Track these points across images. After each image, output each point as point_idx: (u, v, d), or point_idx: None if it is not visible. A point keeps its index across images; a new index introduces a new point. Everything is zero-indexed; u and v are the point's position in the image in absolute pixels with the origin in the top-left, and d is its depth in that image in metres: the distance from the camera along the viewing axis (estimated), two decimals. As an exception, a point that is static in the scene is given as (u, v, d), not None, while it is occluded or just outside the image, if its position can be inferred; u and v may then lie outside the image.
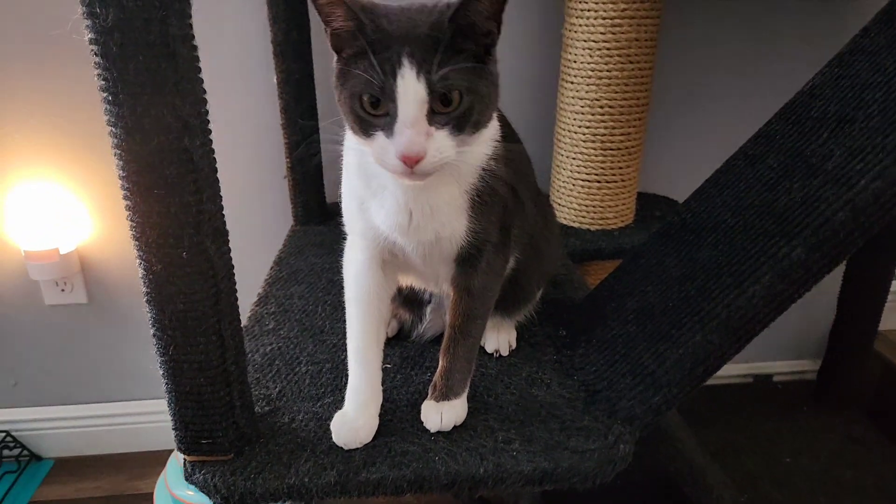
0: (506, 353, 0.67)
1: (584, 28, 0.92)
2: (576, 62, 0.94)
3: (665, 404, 0.55)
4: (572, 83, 0.96)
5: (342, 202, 0.58)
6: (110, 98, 0.39)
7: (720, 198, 0.63)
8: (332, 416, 0.54)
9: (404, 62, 0.42)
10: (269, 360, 0.66)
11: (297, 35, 0.95)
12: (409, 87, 0.42)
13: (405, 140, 0.43)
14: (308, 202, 1.05)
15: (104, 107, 0.40)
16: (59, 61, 1.03)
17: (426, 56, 0.42)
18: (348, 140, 0.52)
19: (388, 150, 0.44)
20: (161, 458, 1.11)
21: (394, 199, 0.51)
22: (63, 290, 1.19)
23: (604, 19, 0.90)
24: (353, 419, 0.53)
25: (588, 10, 0.90)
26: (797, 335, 1.44)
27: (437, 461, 0.51)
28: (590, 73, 0.93)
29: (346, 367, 0.56)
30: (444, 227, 0.52)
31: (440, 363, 0.56)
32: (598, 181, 1.00)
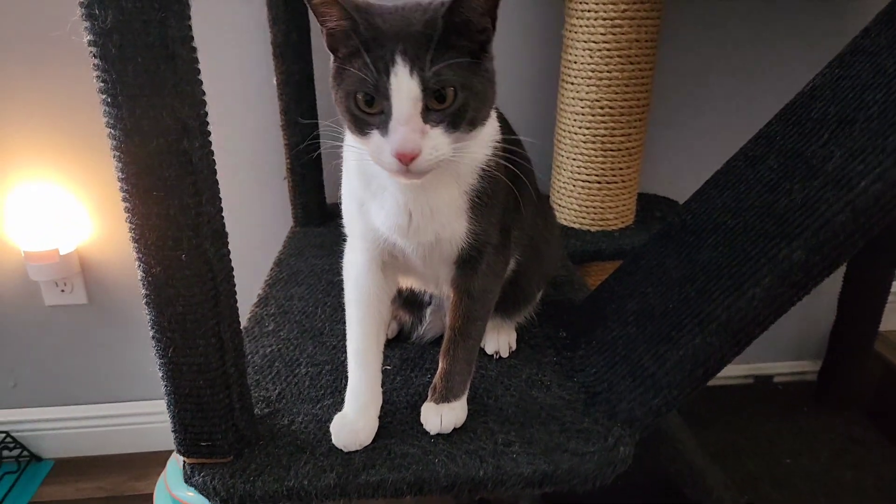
0: (506, 354, 0.67)
1: (585, 29, 0.92)
2: (576, 63, 0.94)
3: (665, 406, 0.55)
4: (572, 84, 0.96)
5: (342, 204, 0.58)
6: (109, 100, 0.39)
7: (720, 199, 0.62)
8: (332, 419, 0.54)
9: (397, 60, 0.42)
10: (268, 361, 0.66)
11: (297, 36, 0.95)
12: (402, 84, 0.42)
13: (399, 138, 0.43)
14: (308, 203, 1.05)
15: (103, 108, 0.40)
16: (58, 62, 1.03)
17: (419, 53, 0.42)
18: (348, 141, 0.52)
19: (384, 148, 0.44)
20: (161, 459, 1.11)
21: (393, 201, 0.51)
22: (63, 290, 1.19)
23: (604, 20, 0.90)
24: (353, 421, 0.53)
25: (588, 11, 0.90)
26: (798, 336, 1.44)
27: (437, 463, 0.51)
28: (590, 73, 0.93)
29: (346, 369, 0.56)
30: (444, 228, 0.52)
31: (440, 365, 0.56)
32: (598, 182, 1.00)
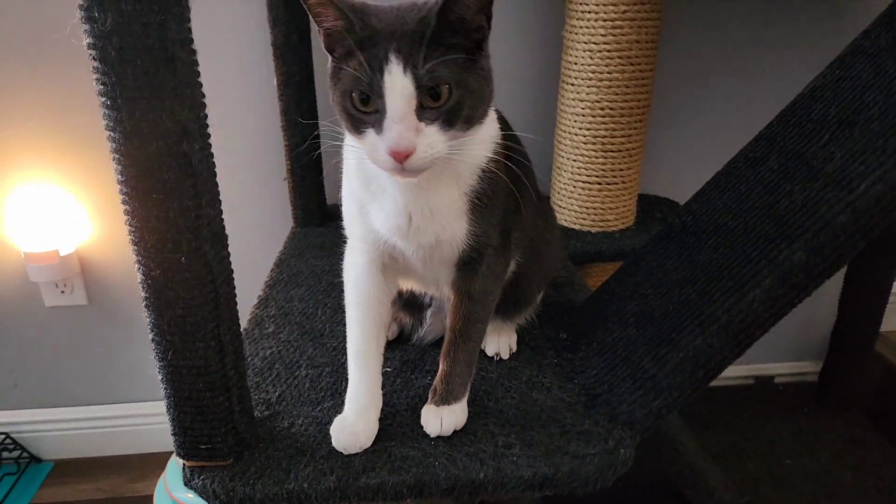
0: (506, 356, 0.67)
1: (585, 30, 0.91)
2: (576, 64, 0.94)
3: (666, 408, 0.54)
4: (573, 85, 0.96)
5: (342, 205, 0.58)
6: (109, 103, 0.39)
7: (721, 200, 0.62)
8: (332, 421, 0.54)
9: (391, 58, 0.42)
10: (268, 363, 0.65)
11: (297, 37, 0.95)
12: (395, 82, 0.42)
13: (394, 135, 0.43)
14: (308, 204, 1.05)
15: (103, 111, 0.40)
16: (59, 64, 1.03)
17: (413, 51, 0.42)
18: (348, 142, 0.52)
19: (379, 146, 0.44)
20: (161, 460, 1.11)
21: (393, 202, 0.51)
22: (63, 291, 1.19)
23: (604, 21, 0.90)
24: (353, 424, 0.53)
25: (589, 12, 0.90)
26: (798, 337, 1.44)
27: (437, 466, 0.50)
28: (590, 74, 0.93)
29: (346, 371, 0.56)
30: (445, 229, 0.52)
31: (440, 367, 0.56)
32: (598, 183, 1.00)
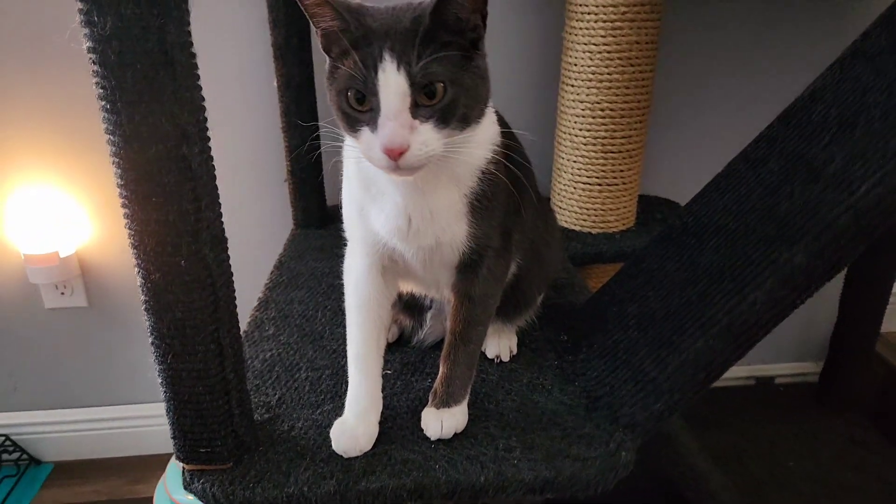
0: (507, 358, 0.67)
1: (585, 31, 0.91)
2: (576, 65, 0.94)
3: (667, 411, 0.54)
4: (573, 86, 0.96)
5: (343, 208, 0.57)
6: (108, 106, 0.39)
7: (721, 202, 0.62)
8: (332, 424, 0.54)
9: (385, 56, 0.42)
10: (268, 366, 0.65)
11: (297, 39, 0.95)
12: (389, 79, 0.42)
13: (388, 132, 0.43)
14: (308, 206, 1.05)
15: (102, 115, 0.40)
16: (59, 65, 1.03)
17: (406, 49, 0.42)
18: (347, 145, 0.52)
19: (373, 144, 0.44)
20: (161, 462, 1.11)
21: (393, 204, 0.51)
22: (63, 293, 1.19)
23: (604, 22, 0.89)
24: (353, 427, 0.53)
25: (588, 14, 0.90)
26: (799, 337, 1.43)
27: (438, 470, 0.50)
28: (590, 76, 0.93)
29: (346, 374, 0.56)
30: (445, 231, 0.52)
31: (440, 370, 0.56)
32: (599, 184, 1.00)
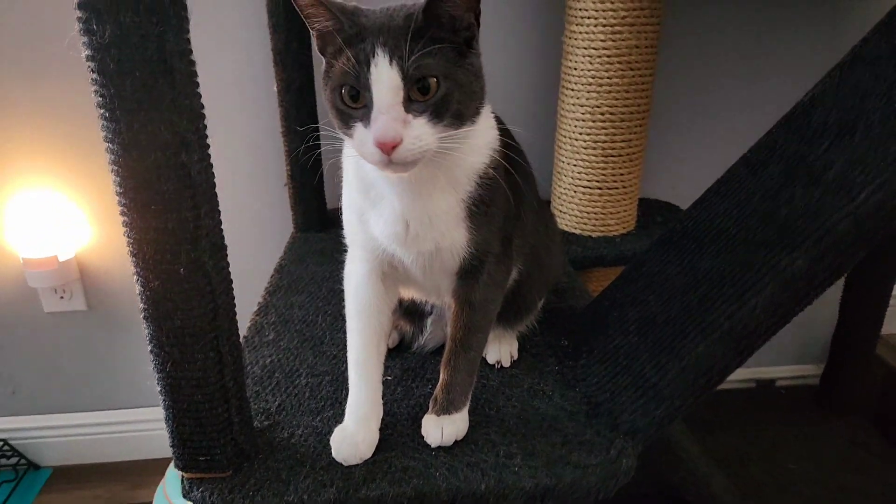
0: (507, 364, 0.66)
1: (585, 35, 0.91)
2: (576, 69, 0.94)
3: (668, 417, 0.54)
4: (573, 90, 0.96)
5: (343, 215, 0.57)
6: (107, 114, 0.39)
7: (722, 206, 0.62)
8: (332, 431, 0.53)
9: (378, 51, 0.43)
10: (268, 372, 0.65)
11: (297, 44, 0.95)
12: (382, 73, 0.43)
13: (380, 125, 0.43)
14: (308, 209, 1.05)
15: (101, 123, 0.40)
16: (58, 70, 1.03)
17: (399, 44, 0.43)
18: (347, 150, 0.52)
19: (366, 139, 0.44)
20: (160, 467, 1.10)
21: (391, 209, 0.51)
22: (62, 297, 1.19)
23: (604, 26, 0.89)
24: (353, 434, 0.53)
25: (588, 18, 0.90)
26: (799, 340, 1.43)
27: (438, 477, 0.50)
28: (590, 79, 0.93)
29: (347, 380, 0.56)
30: (444, 236, 0.52)
31: (441, 376, 0.56)
32: (599, 188, 1.00)
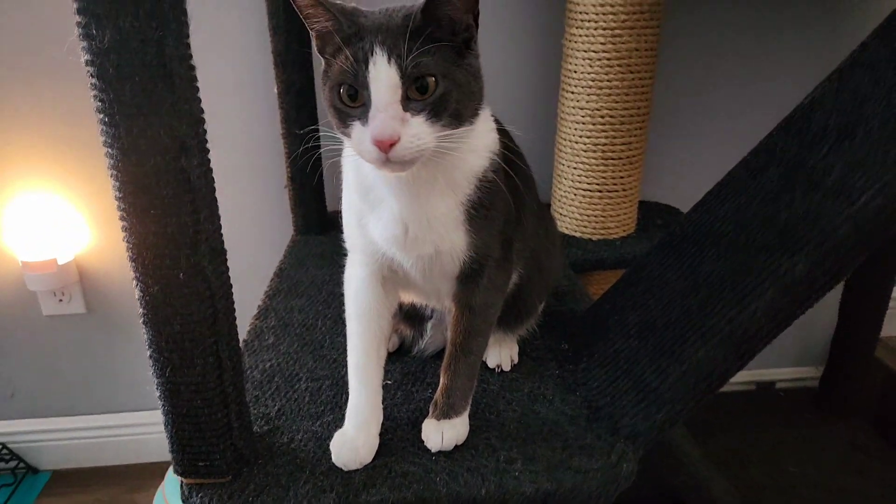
0: (508, 368, 0.66)
1: (585, 38, 0.91)
2: (576, 72, 0.94)
3: (668, 421, 0.54)
4: (573, 93, 0.96)
5: (343, 219, 0.57)
6: (106, 119, 0.39)
7: (722, 210, 0.62)
8: (332, 436, 0.53)
9: (376, 50, 0.43)
10: (268, 376, 0.65)
11: (298, 45, 0.95)
12: (380, 72, 0.43)
13: (378, 123, 0.43)
14: (308, 213, 1.05)
15: (100, 128, 0.40)
16: (57, 72, 1.03)
17: (398, 42, 0.43)
18: (346, 152, 0.52)
19: (364, 137, 0.44)
20: (159, 470, 1.10)
21: (389, 211, 0.51)
22: (61, 300, 1.19)
23: (604, 30, 0.90)
24: (353, 439, 0.52)
25: (588, 21, 0.90)
26: (799, 342, 1.43)
27: (439, 482, 0.50)
28: (590, 83, 0.93)
29: (347, 384, 0.56)
30: (443, 240, 0.52)
31: (441, 381, 0.56)
32: (599, 191, 1.00)
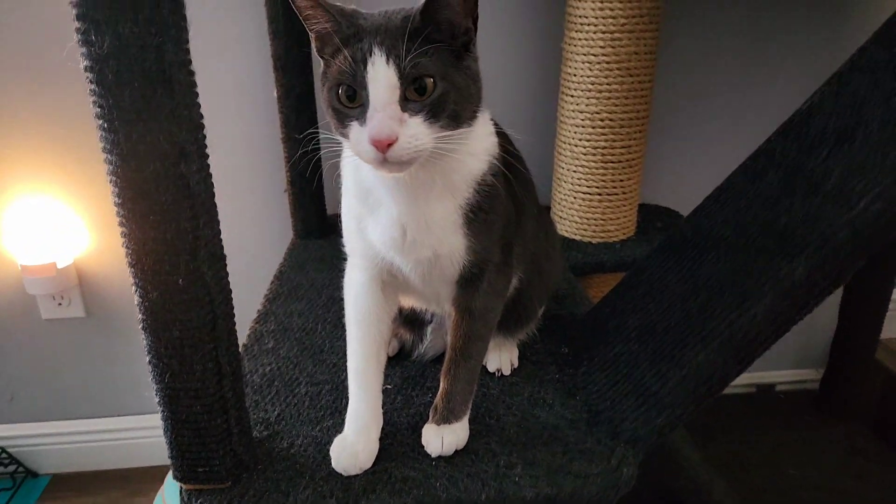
0: (508, 372, 0.66)
1: (584, 42, 0.92)
2: (575, 76, 0.94)
3: (668, 426, 0.54)
4: (572, 96, 0.96)
5: (342, 224, 0.57)
6: (105, 125, 0.39)
7: (721, 214, 0.62)
8: (332, 441, 0.53)
9: (375, 50, 0.43)
10: (268, 381, 0.65)
11: (298, 50, 0.95)
12: (379, 72, 0.43)
13: (376, 123, 0.43)
14: (308, 215, 1.05)
15: (99, 133, 0.40)
16: (57, 76, 1.03)
17: (396, 43, 0.43)
18: (345, 155, 0.52)
19: (362, 137, 0.44)
20: (160, 474, 1.10)
21: (388, 214, 0.51)
22: (60, 304, 1.19)
23: (603, 33, 0.90)
24: (353, 444, 0.52)
25: (588, 24, 0.90)
26: (799, 344, 1.43)
27: (439, 487, 0.50)
28: (590, 86, 0.93)
29: (347, 388, 0.56)
30: (442, 243, 0.52)
31: (441, 385, 0.56)
32: (599, 194, 1.00)
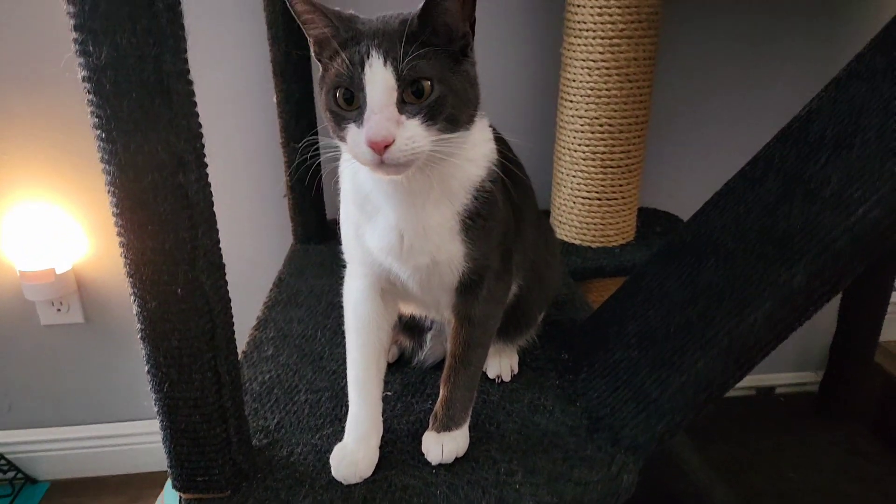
0: (508, 378, 0.66)
1: (583, 47, 0.92)
2: (575, 81, 0.95)
3: (669, 432, 0.54)
4: (571, 102, 0.96)
5: (341, 231, 0.57)
6: (103, 135, 0.39)
7: (720, 220, 0.62)
8: (332, 449, 0.53)
9: (373, 53, 0.43)
10: (267, 388, 0.65)
11: (297, 55, 0.95)
12: (376, 74, 0.43)
13: (373, 125, 0.43)
14: (308, 221, 1.05)
15: (97, 144, 0.40)
16: (56, 83, 1.03)
17: (394, 46, 0.43)
18: (344, 161, 0.52)
19: (359, 139, 0.44)
20: (159, 480, 1.10)
21: (385, 221, 0.51)
22: (59, 310, 1.18)
23: (602, 39, 0.90)
24: (353, 452, 0.52)
25: (587, 30, 0.91)
26: (799, 347, 1.43)
27: (439, 495, 0.50)
28: (589, 91, 0.93)
29: (346, 396, 0.55)
30: (440, 250, 0.52)
31: (441, 393, 0.56)
32: (598, 199, 1.00)
